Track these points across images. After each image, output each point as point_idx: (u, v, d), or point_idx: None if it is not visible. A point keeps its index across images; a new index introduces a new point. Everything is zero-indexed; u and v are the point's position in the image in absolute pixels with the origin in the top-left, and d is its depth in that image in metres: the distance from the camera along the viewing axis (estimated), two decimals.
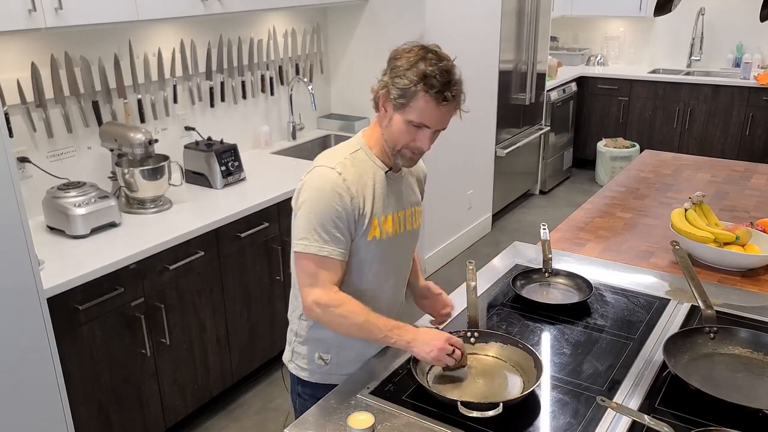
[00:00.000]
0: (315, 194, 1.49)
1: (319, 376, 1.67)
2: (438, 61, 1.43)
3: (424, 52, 1.45)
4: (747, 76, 5.26)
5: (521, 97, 4.93)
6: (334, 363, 1.65)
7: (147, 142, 2.61)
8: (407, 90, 1.42)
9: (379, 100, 1.50)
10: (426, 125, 1.47)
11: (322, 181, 1.49)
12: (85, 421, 2.25)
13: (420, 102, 1.43)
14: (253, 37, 3.41)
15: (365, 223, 1.52)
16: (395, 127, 1.48)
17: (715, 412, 1.38)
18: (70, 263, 2.19)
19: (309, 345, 1.66)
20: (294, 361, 1.70)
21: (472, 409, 1.35)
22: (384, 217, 1.56)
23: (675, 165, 3.29)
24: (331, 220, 1.47)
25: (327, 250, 1.48)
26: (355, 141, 1.59)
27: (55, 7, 2.16)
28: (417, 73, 1.41)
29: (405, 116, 1.45)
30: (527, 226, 4.93)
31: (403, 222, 1.63)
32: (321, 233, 1.47)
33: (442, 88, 1.42)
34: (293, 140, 3.75)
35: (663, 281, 2.03)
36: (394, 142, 1.50)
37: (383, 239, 1.57)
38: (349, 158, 1.53)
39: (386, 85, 1.46)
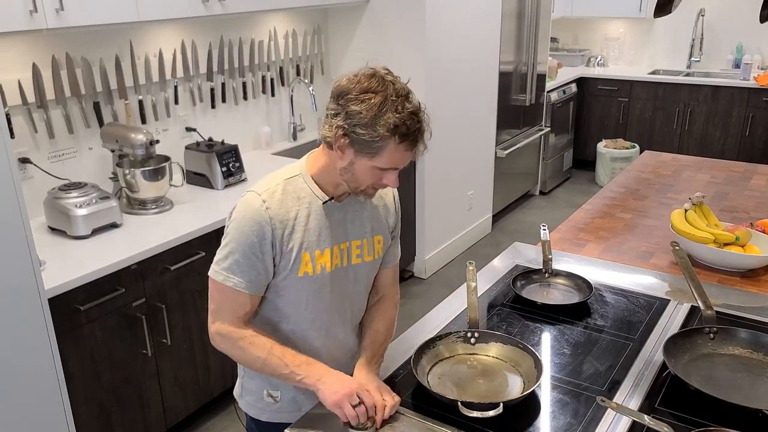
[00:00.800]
0: (236, 221, 1.40)
1: (269, 414, 1.56)
2: (403, 104, 1.29)
3: (383, 90, 1.29)
4: (747, 77, 5.26)
5: (521, 98, 4.93)
6: (285, 400, 1.54)
7: (148, 142, 2.62)
8: (376, 142, 1.29)
9: (335, 143, 1.33)
10: (395, 168, 1.36)
11: (245, 208, 1.39)
12: (85, 421, 2.25)
13: (391, 152, 1.31)
14: (254, 38, 3.42)
15: (292, 258, 1.40)
16: (359, 171, 1.35)
17: (715, 412, 1.38)
18: (71, 264, 2.19)
19: (257, 381, 1.55)
20: (244, 397, 1.60)
21: (472, 409, 1.35)
22: (319, 251, 1.42)
23: (675, 166, 3.30)
24: (244, 250, 1.37)
25: (234, 281, 1.38)
26: (297, 166, 1.46)
27: (56, 8, 2.17)
28: (386, 127, 1.27)
29: (372, 163, 1.33)
30: (527, 226, 4.93)
31: (348, 255, 1.48)
32: (230, 263, 1.38)
33: (414, 134, 1.31)
34: (294, 141, 3.76)
35: (663, 282, 2.03)
36: (357, 184, 1.38)
37: (318, 275, 1.43)
38: (282, 185, 1.41)
39: (345, 132, 1.30)
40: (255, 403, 1.57)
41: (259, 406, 1.57)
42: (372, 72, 1.32)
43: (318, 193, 1.43)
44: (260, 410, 1.57)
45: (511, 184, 5.11)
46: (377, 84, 1.30)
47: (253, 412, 1.58)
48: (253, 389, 1.57)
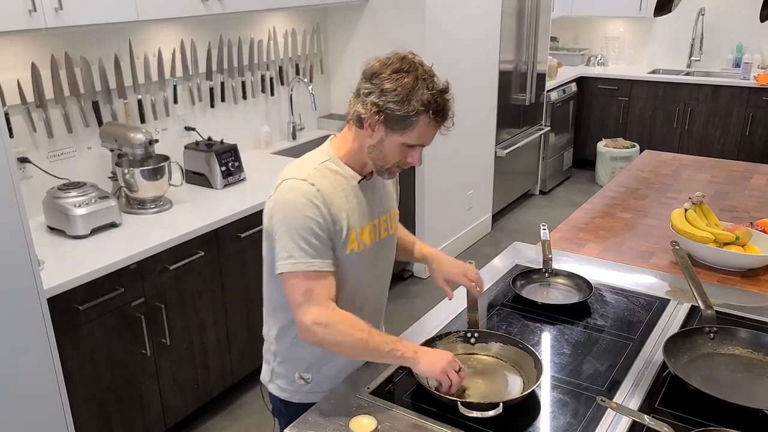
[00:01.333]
0: (290, 209, 1.41)
1: (301, 396, 1.61)
2: (433, 82, 1.41)
3: (414, 70, 1.40)
4: (747, 77, 5.26)
5: (521, 97, 4.93)
6: (315, 381, 1.60)
7: (147, 142, 2.61)
8: (409, 117, 1.38)
9: (366, 120, 1.41)
10: (422, 145, 1.45)
11: (295, 194, 1.41)
12: (85, 421, 2.25)
13: (422, 127, 1.40)
14: (254, 38, 3.41)
15: (343, 236, 1.46)
16: (388, 148, 1.43)
17: (715, 412, 1.38)
18: (71, 263, 2.19)
19: (288, 365, 1.60)
20: (274, 381, 1.64)
21: (472, 409, 1.35)
22: (361, 229, 1.50)
23: (675, 165, 3.29)
24: (313, 232, 1.40)
25: (316, 264, 1.41)
26: (323, 152, 1.52)
27: (56, 8, 2.16)
28: (421, 101, 1.37)
29: (402, 139, 1.41)
30: (527, 226, 4.93)
31: (379, 230, 1.57)
32: (306, 248, 1.40)
33: (444, 111, 1.42)
34: (293, 140, 3.76)
35: (663, 281, 2.03)
36: (384, 161, 1.46)
37: (361, 251, 1.51)
38: (319, 169, 1.46)
39: (379, 109, 1.38)
40: (286, 386, 1.62)
41: (290, 389, 1.62)
42: (402, 55, 1.44)
43: (351, 174, 1.50)
44: (292, 392, 1.62)
45: (511, 184, 5.11)
46: (408, 65, 1.41)
47: (285, 395, 1.63)
48: (284, 373, 1.62)
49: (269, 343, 1.64)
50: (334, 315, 1.42)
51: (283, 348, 1.60)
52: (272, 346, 1.63)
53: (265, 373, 1.67)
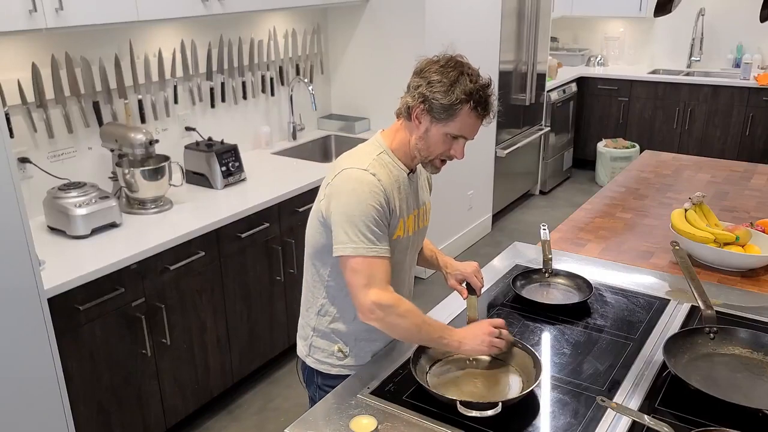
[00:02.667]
0: (354, 196, 1.49)
1: (339, 369, 1.69)
2: (477, 76, 1.50)
3: (460, 66, 1.50)
4: (747, 77, 5.26)
5: (521, 97, 4.93)
6: (352, 355, 1.68)
7: (147, 142, 2.61)
8: (452, 106, 1.47)
9: (414, 111, 1.51)
10: (464, 137, 1.54)
11: (358, 183, 1.50)
12: (85, 421, 2.25)
13: (464, 117, 1.49)
14: (254, 38, 3.41)
15: (394, 223, 1.57)
16: (433, 138, 1.53)
17: (715, 412, 1.38)
18: (71, 263, 2.19)
19: (328, 339, 1.68)
20: (312, 355, 1.72)
21: (471, 409, 1.35)
22: (406, 217, 1.61)
23: (675, 165, 3.30)
24: (374, 219, 1.49)
25: (376, 250, 1.49)
26: (376, 144, 1.60)
27: (56, 8, 2.16)
28: (464, 91, 1.46)
29: (445, 129, 1.51)
30: (527, 226, 4.93)
31: (418, 220, 1.69)
32: (367, 234, 1.48)
33: (486, 104, 1.51)
34: (294, 141, 3.76)
35: (663, 281, 2.03)
36: (429, 152, 1.56)
37: (405, 237, 1.63)
38: (377, 160, 1.56)
39: (425, 98, 1.49)
40: (325, 359, 1.70)
41: (329, 362, 1.69)
42: (450, 55, 1.53)
43: (402, 166, 1.60)
44: (330, 365, 1.70)
45: (511, 184, 5.11)
46: (455, 63, 1.51)
47: (324, 367, 1.70)
48: (323, 347, 1.69)
49: (308, 319, 1.72)
50: (393, 298, 1.50)
51: (323, 323, 1.68)
52: (312, 322, 1.70)
53: (302, 347, 1.75)
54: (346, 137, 3.86)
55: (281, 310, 3.03)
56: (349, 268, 1.50)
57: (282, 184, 2.97)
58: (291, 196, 2.93)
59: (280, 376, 3.12)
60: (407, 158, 1.60)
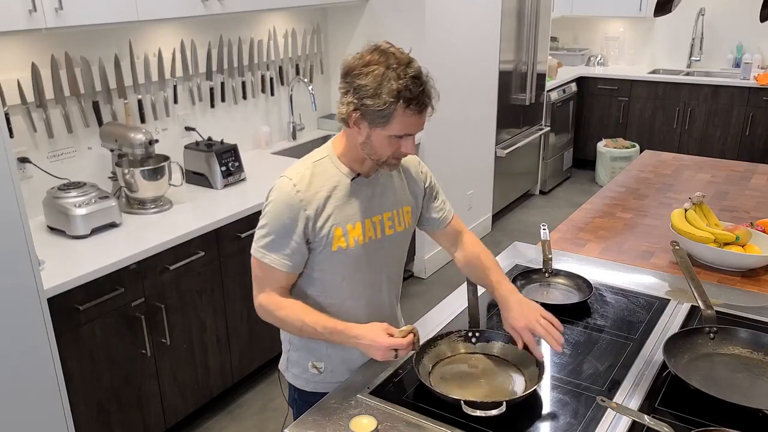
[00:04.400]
0: (271, 205, 1.50)
1: (314, 385, 1.66)
2: (404, 70, 1.37)
3: (384, 60, 1.38)
4: (747, 77, 5.26)
5: (521, 97, 4.93)
6: (328, 371, 1.64)
7: (147, 142, 2.61)
8: (384, 110, 1.37)
9: (350, 120, 1.43)
10: (409, 134, 1.45)
11: (278, 192, 1.50)
12: (85, 421, 2.25)
13: (401, 117, 1.39)
14: (254, 38, 3.41)
15: (324, 234, 1.49)
16: (377, 143, 1.44)
17: (715, 412, 1.38)
18: (71, 263, 2.19)
19: (302, 353, 1.66)
20: (290, 369, 1.70)
21: (475, 408, 1.35)
22: (351, 225, 1.52)
23: (675, 165, 3.29)
24: (278, 231, 1.48)
25: (269, 258, 1.50)
26: (324, 149, 1.57)
27: (56, 8, 2.16)
28: (390, 92, 1.36)
29: (386, 132, 1.42)
30: (527, 226, 4.93)
31: (381, 227, 1.57)
32: (269, 242, 1.50)
33: (419, 97, 1.39)
34: (293, 140, 3.76)
35: (663, 281, 2.03)
36: (379, 156, 1.47)
37: (352, 248, 1.53)
38: (311, 167, 1.51)
39: (356, 107, 1.40)
40: (301, 374, 1.68)
41: (304, 377, 1.67)
42: (374, 46, 1.43)
43: (345, 171, 1.53)
44: (306, 381, 1.67)
45: (511, 184, 5.11)
46: (378, 56, 1.40)
47: (299, 383, 1.68)
48: (298, 361, 1.67)
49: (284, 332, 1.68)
50: (274, 303, 1.53)
51: (298, 336, 1.64)
52: (287, 334, 1.68)
53: (282, 361, 1.73)
54: None
55: None
56: (252, 265, 1.56)
57: None
58: None
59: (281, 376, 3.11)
60: (356, 162, 1.52)
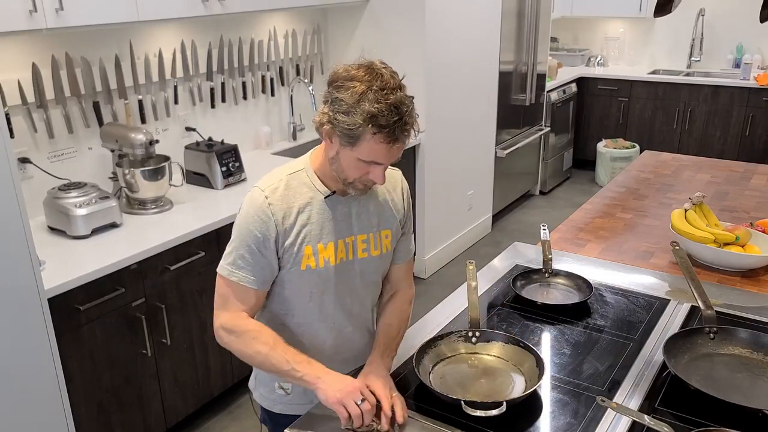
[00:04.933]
0: (241, 217, 1.42)
1: (282, 406, 1.60)
2: (385, 95, 1.26)
3: (369, 80, 1.28)
4: (747, 77, 5.26)
5: (521, 97, 4.93)
6: (296, 392, 1.57)
7: (148, 142, 2.62)
8: (353, 130, 1.27)
9: (322, 130, 1.35)
10: (378, 163, 1.34)
11: (249, 204, 1.41)
12: (85, 421, 2.25)
13: (369, 143, 1.29)
14: (254, 38, 3.41)
15: (294, 251, 1.42)
16: (344, 162, 1.35)
17: (715, 412, 1.38)
18: (71, 264, 2.19)
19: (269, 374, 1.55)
20: (258, 389, 1.64)
21: (475, 408, 1.35)
22: (322, 244, 1.43)
23: (675, 165, 3.30)
24: (248, 245, 1.40)
25: (237, 276, 1.41)
26: (301, 161, 1.48)
27: (56, 8, 2.17)
28: (363, 114, 1.25)
29: (354, 154, 1.32)
30: (527, 226, 4.93)
31: (353, 249, 1.48)
32: (236, 258, 1.41)
33: (392, 128, 1.27)
34: (294, 141, 3.76)
35: (663, 282, 2.03)
36: (345, 176, 1.38)
37: (321, 268, 1.44)
38: (285, 180, 1.42)
39: (329, 119, 1.31)
40: (268, 395, 1.62)
41: (272, 398, 1.61)
42: (367, 63, 1.32)
43: (320, 188, 1.44)
44: (273, 402, 1.61)
45: (511, 184, 5.11)
46: (365, 73, 1.29)
47: (267, 403, 1.63)
48: (266, 381, 1.61)
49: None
50: (239, 325, 1.42)
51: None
52: None
53: (251, 379, 1.68)
54: None
55: None
56: (216, 284, 1.46)
57: None
58: None
59: None
60: (332, 180, 1.43)
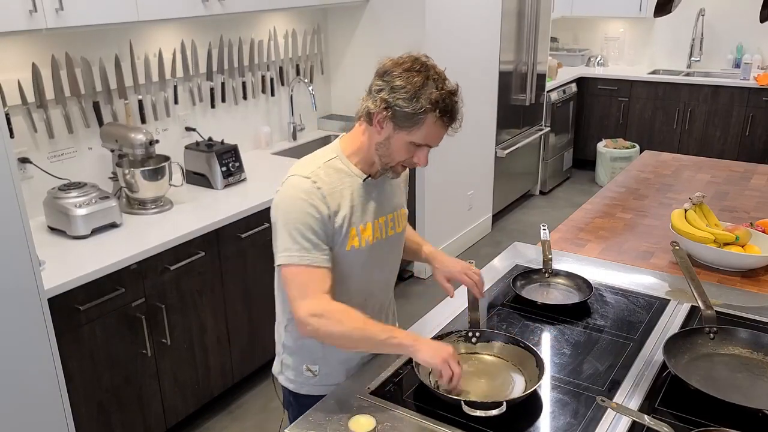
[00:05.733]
0: (290, 204, 1.46)
1: (308, 388, 1.65)
2: (444, 83, 1.42)
3: (424, 70, 1.42)
4: (747, 77, 5.26)
5: (521, 97, 4.93)
6: (322, 374, 1.63)
7: (148, 142, 2.61)
8: (417, 114, 1.40)
9: (376, 116, 1.44)
10: (428, 145, 1.47)
11: (297, 190, 1.46)
12: (85, 421, 2.25)
13: (429, 126, 1.42)
14: (254, 38, 3.41)
15: (342, 233, 1.50)
16: (395, 146, 1.46)
17: (715, 412, 1.38)
18: (71, 264, 2.19)
19: (297, 356, 1.64)
20: (284, 372, 1.69)
21: (475, 408, 1.35)
22: (363, 226, 1.53)
23: (675, 165, 3.30)
24: (309, 226, 1.44)
25: (309, 258, 1.44)
26: (331, 149, 1.55)
27: (56, 8, 2.17)
28: (428, 100, 1.39)
29: (409, 138, 1.44)
30: (527, 226, 4.93)
31: (385, 228, 1.60)
32: (301, 242, 1.44)
33: (452, 112, 1.43)
34: (294, 141, 3.76)
35: (663, 282, 2.03)
36: (390, 159, 1.49)
37: (363, 248, 1.54)
38: (323, 167, 1.50)
39: (388, 105, 1.41)
40: (295, 378, 1.66)
41: (299, 381, 1.66)
42: (415, 56, 1.46)
43: (356, 172, 1.53)
44: (300, 384, 1.66)
45: (511, 184, 5.11)
46: (420, 66, 1.43)
47: (293, 386, 1.67)
48: (292, 365, 1.66)
49: (279, 335, 1.69)
50: (329, 305, 1.44)
51: (292, 340, 1.64)
52: (282, 338, 1.67)
53: (276, 364, 1.72)
54: None
55: None
56: (284, 277, 1.46)
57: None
58: None
59: None
60: (366, 164, 1.53)
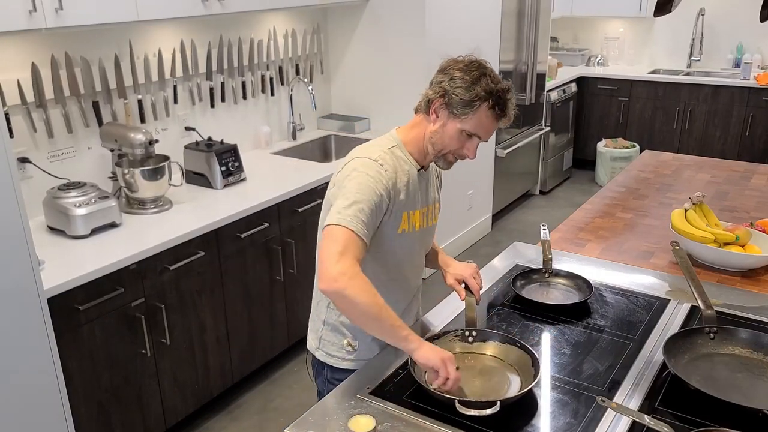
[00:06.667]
0: (357, 181, 1.52)
1: (348, 363, 1.71)
2: (500, 81, 1.54)
3: (482, 68, 1.55)
4: (747, 77, 5.26)
5: (521, 97, 4.93)
6: (361, 349, 1.70)
7: (147, 142, 2.61)
8: (472, 102, 1.51)
9: (433, 104, 1.56)
10: (478, 136, 1.56)
11: (365, 168, 1.54)
12: (85, 421, 2.25)
13: (481, 116, 1.52)
14: (254, 38, 3.41)
15: (397, 216, 1.59)
16: (448, 133, 1.56)
17: (715, 412, 1.38)
18: (71, 263, 2.19)
19: (338, 332, 1.70)
20: (322, 348, 1.74)
21: (469, 408, 1.35)
22: (413, 212, 1.64)
23: (675, 165, 3.29)
24: (370, 201, 1.50)
25: (356, 226, 1.47)
26: (391, 138, 1.65)
27: (56, 8, 2.16)
28: (485, 89, 1.51)
29: (461, 125, 1.54)
30: (527, 226, 4.93)
31: (427, 217, 1.72)
32: (357, 214, 1.48)
33: (505, 105, 1.54)
34: (293, 140, 3.75)
35: (663, 281, 2.03)
36: (443, 147, 1.59)
37: (411, 232, 1.65)
38: (388, 153, 1.60)
39: (445, 92, 1.53)
40: (335, 352, 1.72)
41: (338, 356, 1.72)
42: (474, 58, 1.60)
43: (413, 162, 1.64)
44: (340, 359, 1.72)
45: (511, 184, 5.11)
46: (478, 64, 1.57)
47: (334, 361, 1.73)
48: (333, 340, 1.72)
49: (319, 311, 1.74)
50: (361, 274, 1.45)
51: (333, 317, 1.70)
52: (322, 315, 1.73)
53: (312, 341, 1.78)
54: (346, 137, 3.86)
55: (281, 310, 3.03)
56: (329, 235, 1.47)
57: (282, 184, 2.97)
58: (291, 196, 2.93)
59: (280, 376, 3.12)
60: (420, 154, 1.64)
